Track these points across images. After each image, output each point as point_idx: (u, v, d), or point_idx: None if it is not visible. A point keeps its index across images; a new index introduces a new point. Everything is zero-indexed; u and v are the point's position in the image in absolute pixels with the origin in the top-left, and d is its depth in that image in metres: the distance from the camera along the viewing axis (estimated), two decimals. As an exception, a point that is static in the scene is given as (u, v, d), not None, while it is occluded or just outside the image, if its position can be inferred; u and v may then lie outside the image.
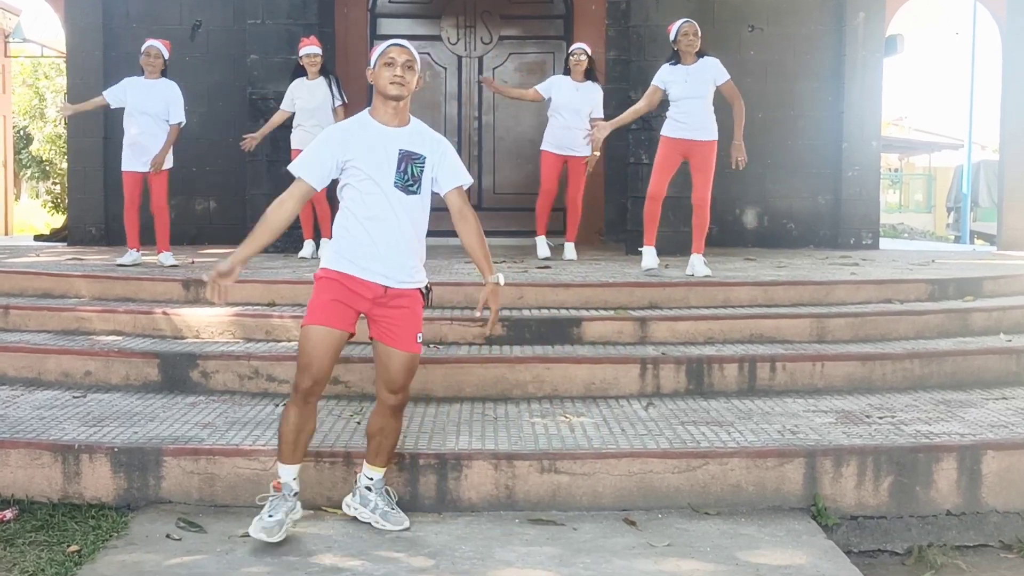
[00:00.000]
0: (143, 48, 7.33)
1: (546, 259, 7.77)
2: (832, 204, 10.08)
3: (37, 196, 23.59)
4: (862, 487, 4.06)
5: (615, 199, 9.81)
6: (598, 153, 7.61)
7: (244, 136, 8.01)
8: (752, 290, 6.19)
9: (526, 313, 5.73)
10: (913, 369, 5.29)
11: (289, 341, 5.41)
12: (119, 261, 7.16)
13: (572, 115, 7.74)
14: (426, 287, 3.78)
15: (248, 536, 3.61)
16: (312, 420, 3.68)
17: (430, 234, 3.84)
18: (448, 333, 5.47)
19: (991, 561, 3.94)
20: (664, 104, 6.71)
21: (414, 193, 3.64)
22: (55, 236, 10.82)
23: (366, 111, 3.72)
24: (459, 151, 10.46)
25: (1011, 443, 4.19)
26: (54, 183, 19.97)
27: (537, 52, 10.75)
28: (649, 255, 6.73)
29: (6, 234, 15.77)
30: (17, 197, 18.38)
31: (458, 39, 10.75)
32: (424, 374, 4.99)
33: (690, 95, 6.47)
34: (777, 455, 4.07)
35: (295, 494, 3.68)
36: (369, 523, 3.80)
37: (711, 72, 6.50)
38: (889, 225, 20.92)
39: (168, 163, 7.30)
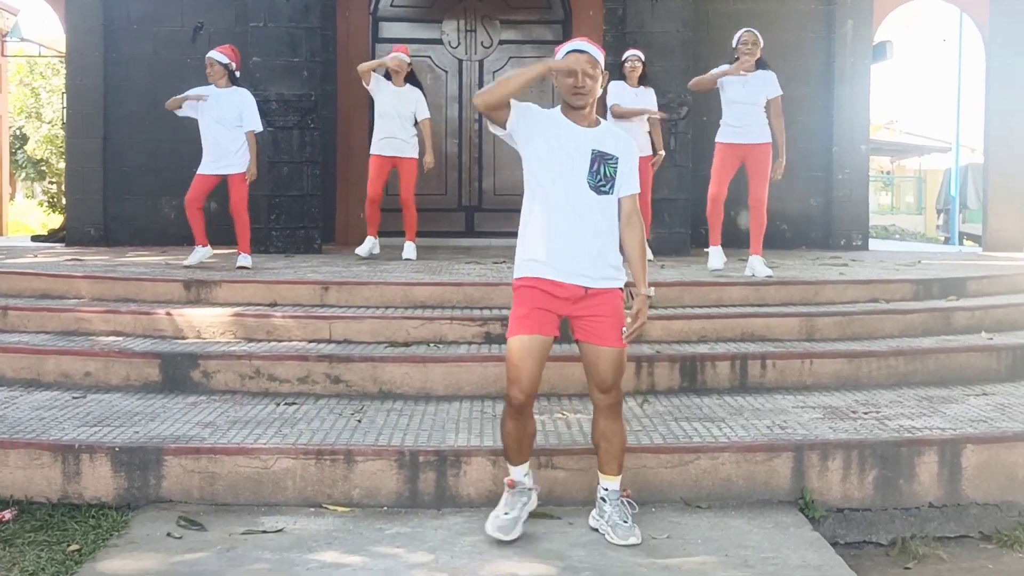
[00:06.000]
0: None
1: None
2: (823, 206, 10.27)
3: (32, 196, 23.58)
4: (848, 480, 4.17)
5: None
6: (663, 152, 8.53)
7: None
8: (743, 290, 6.32)
9: (522, 313, 5.82)
10: (898, 366, 5.41)
11: (290, 341, 5.50)
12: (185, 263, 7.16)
13: (636, 119, 8.11)
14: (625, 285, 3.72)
15: (249, 533, 3.66)
16: (531, 424, 3.72)
17: (430, 234, 3.90)
18: (448, 332, 5.56)
19: (971, 552, 4.05)
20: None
21: (605, 193, 3.64)
22: (53, 237, 10.83)
23: (557, 109, 3.71)
24: (459, 153, 10.73)
25: (990, 437, 4.31)
26: (51, 183, 19.97)
27: (536, 56, 10.83)
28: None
29: (1, 235, 15.80)
30: (12, 197, 18.39)
31: (459, 43, 10.86)
32: (424, 372, 5.09)
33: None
34: (766, 450, 4.17)
35: (529, 489, 3.77)
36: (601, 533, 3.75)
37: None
38: (881, 227, 21.08)
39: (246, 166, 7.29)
